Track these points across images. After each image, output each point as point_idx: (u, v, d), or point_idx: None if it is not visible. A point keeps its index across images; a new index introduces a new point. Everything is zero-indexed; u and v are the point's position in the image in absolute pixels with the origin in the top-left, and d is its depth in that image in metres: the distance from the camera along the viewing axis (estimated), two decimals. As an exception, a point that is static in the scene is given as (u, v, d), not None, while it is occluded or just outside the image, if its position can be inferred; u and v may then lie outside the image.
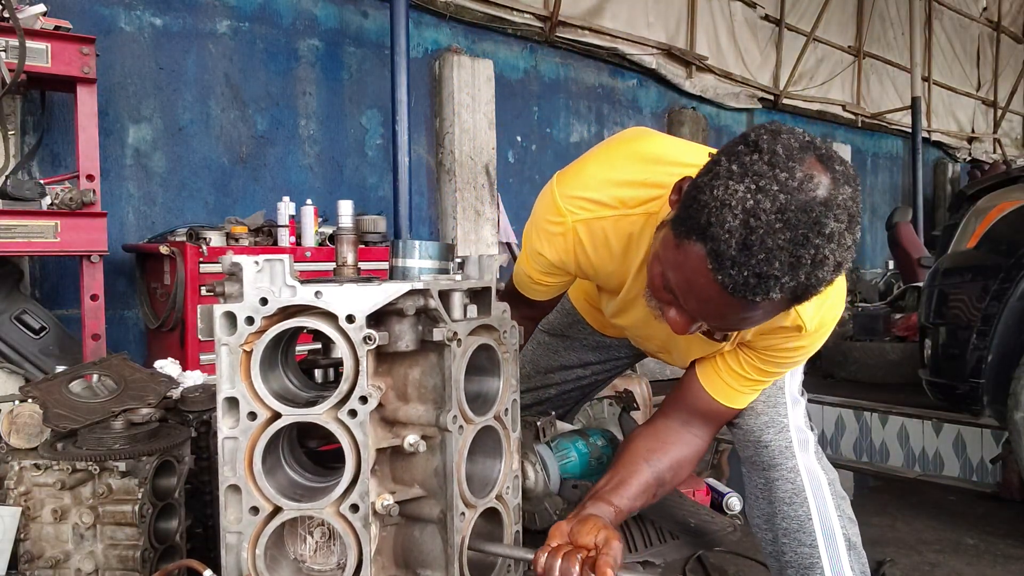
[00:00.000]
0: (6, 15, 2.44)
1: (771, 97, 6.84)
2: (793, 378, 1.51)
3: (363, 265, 1.36)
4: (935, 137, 9.03)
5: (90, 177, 2.64)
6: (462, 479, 1.15)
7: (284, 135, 3.97)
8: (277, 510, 1.07)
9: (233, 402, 1.06)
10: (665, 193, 1.16)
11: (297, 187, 3.92)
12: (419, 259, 1.24)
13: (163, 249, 2.89)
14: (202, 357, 2.88)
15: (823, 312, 1.26)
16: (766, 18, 6.88)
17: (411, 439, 1.12)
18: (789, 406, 1.47)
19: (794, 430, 1.45)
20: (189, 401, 1.61)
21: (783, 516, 1.44)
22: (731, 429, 1.52)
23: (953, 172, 9.30)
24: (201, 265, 2.88)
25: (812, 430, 1.53)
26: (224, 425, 1.07)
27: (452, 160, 4.50)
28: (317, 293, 1.06)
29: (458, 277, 1.23)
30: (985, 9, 9.83)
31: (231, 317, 1.07)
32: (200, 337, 2.89)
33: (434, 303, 1.11)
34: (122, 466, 1.34)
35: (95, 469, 1.34)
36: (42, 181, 2.58)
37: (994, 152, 9.87)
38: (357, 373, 1.06)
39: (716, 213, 0.95)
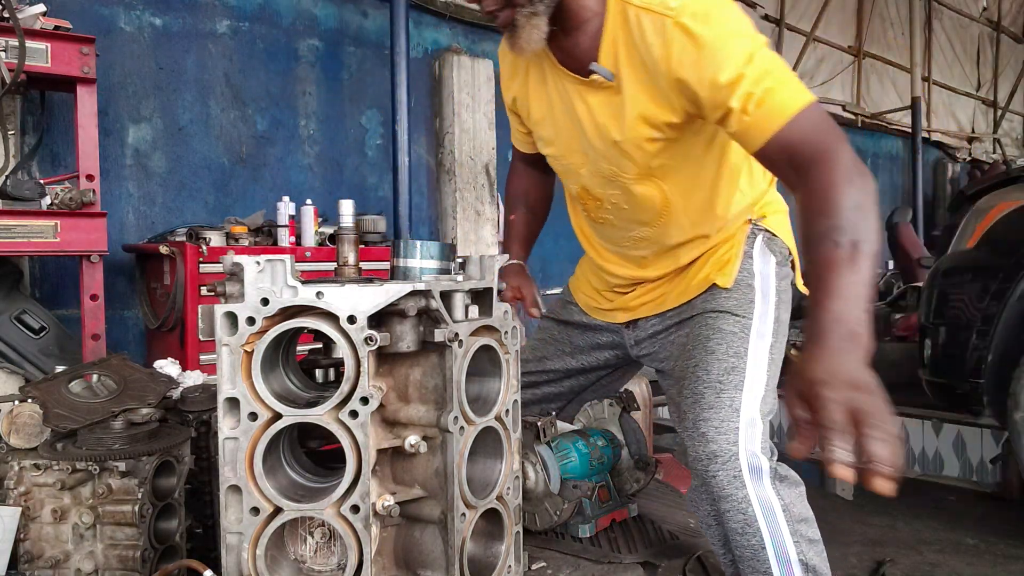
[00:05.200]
0: (6, 15, 2.44)
1: (771, 97, 6.84)
2: (752, 395, 1.36)
3: (363, 265, 1.37)
4: (935, 137, 9.03)
5: (90, 177, 2.64)
6: (463, 480, 1.15)
7: (284, 135, 3.97)
8: (278, 511, 1.07)
9: (234, 402, 1.06)
10: None
11: (297, 187, 3.91)
12: (420, 259, 1.24)
13: (163, 249, 2.89)
14: (202, 357, 2.88)
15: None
16: (766, 18, 6.88)
17: (412, 440, 1.12)
18: (742, 431, 1.32)
19: (745, 457, 1.31)
20: (189, 401, 1.61)
21: (736, 545, 1.35)
22: (680, 454, 1.43)
23: (953, 172, 9.29)
24: (201, 265, 2.88)
25: (771, 452, 1.39)
26: (225, 425, 1.07)
27: (452, 160, 4.50)
28: (319, 294, 1.06)
29: (459, 278, 1.23)
30: (985, 9, 9.83)
31: (232, 317, 1.07)
32: (201, 337, 2.89)
33: (435, 304, 1.11)
34: (122, 466, 1.34)
35: (95, 469, 1.34)
36: (42, 181, 2.57)
37: (994, 152, 9.87)
38: (358, 374, 1.06)
39: None
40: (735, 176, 1.47)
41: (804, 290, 1.36)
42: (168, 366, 1.80)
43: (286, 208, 3.21)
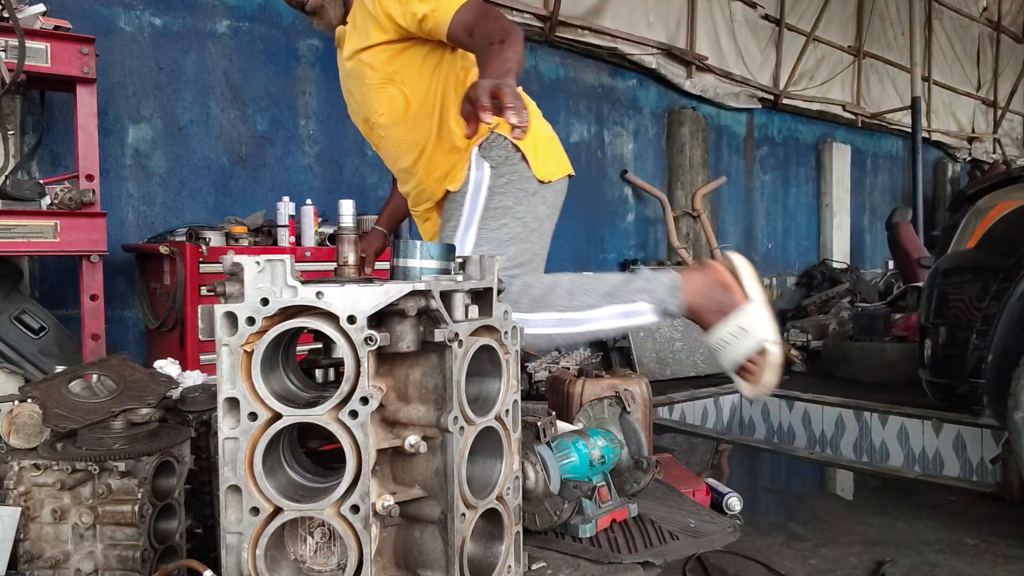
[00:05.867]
0: (6, 15, 2.44)
1: (771, 97, 6.84)
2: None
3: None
4: (935, 137, 9.02)
5: (90, 177, 2.64)
6: (463, 480, 1.15)
7: (284, 135, 3.97)
8: (277, 511, 1.07)
9: (234, 402, 1.06)
10: None
11: (297, 187, 3.91)
12: (420, 259, 1.24)
13: (163, 249, 2.89)
14: (202, 357, 2.88)
15: None
16: (766, 18, 6.87)
17: (412, 440, 1.12)
18: None
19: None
20: (189, 401, 1.61)
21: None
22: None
23: (953, 172, 9.29)
24: (201, 265, 2.88)
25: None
26: (225, 426, 1.07)
27: (452, 160, 4.50)
28: (318, 294, 1.06)
29: (459, 278, 1.23)
30: (985, 9, 9.82)
31: (232, 317, 1.07)
32: (201, 337, 2.89)
33: (435, 304, 1.11)
34: (122, 466, 1.34)
35: (95, 469, 1.34)
36: (42, 181, 2.57)
37: (994, 152, 9.86)
38: (358, 374, 1.06)
39: None
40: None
41: (544, 178, 1.88)
42: (168, 366, 1.80)
43: (286, 208, 3.21)
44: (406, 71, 1.85)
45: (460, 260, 1.29)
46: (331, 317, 1.06)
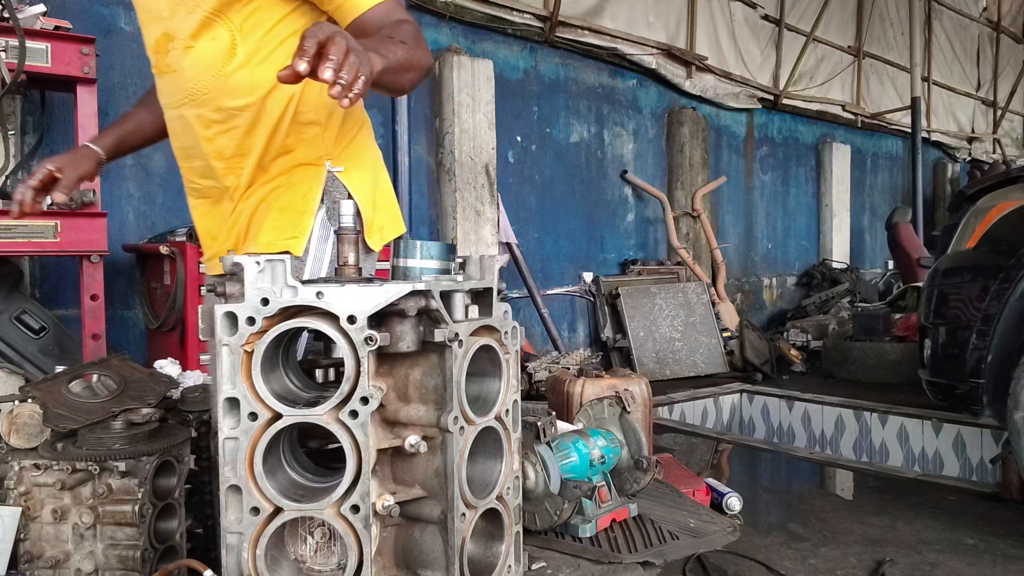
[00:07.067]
0: (6, 15, 2.44)
1: (771, 97, 6.84)
2: None
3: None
4: (935, 137, 9.02)
5: (90, 177, 2.64)
6: (463, 480, 1.15)
7: (284, 135, 3.97)
8: (278, 511, 1.07)
9: (234, 402, 1.06)
10: None
11: (297, 187, 3.91)
12: (420, 259, 1.24)
13: (163, 249, 2.89)
14: (202, 357, 2.87)
15: None
16: (766, 18, 6.88)
17: (412, 440, 1.12)
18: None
19: None
20: (189, 401, 1.62)
21: None
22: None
23: (953, 172, 9.30)
24: (201, 265, 2.88)
25: None
26: (225, 426, 1.07)
27: (452, 160, 4.50)
28: (318, 294, 1.06)
29: (459, 278, 1.23)
30: (985, 9, 9.83)
31: (232, 317, 1.07)
32: (201, 337, 2.88)
33: (435, 304, 1.11)
34: (122, 466, 1.34)
35: (95, 469, 1.34)
36: (42, 181, 2.57)
37: (994, 152, 9.87)
38: (358, 374, 1.06)
39: None
40: (318, 104, 1.53)
41: (374, 246, 1.55)
42: (168, 366, 1.80)
43: (286, 208, 3.21)
44: (253, 24, 1.47)
45: (460, 260, 1.29)
46: (331, 317, 1.06)
